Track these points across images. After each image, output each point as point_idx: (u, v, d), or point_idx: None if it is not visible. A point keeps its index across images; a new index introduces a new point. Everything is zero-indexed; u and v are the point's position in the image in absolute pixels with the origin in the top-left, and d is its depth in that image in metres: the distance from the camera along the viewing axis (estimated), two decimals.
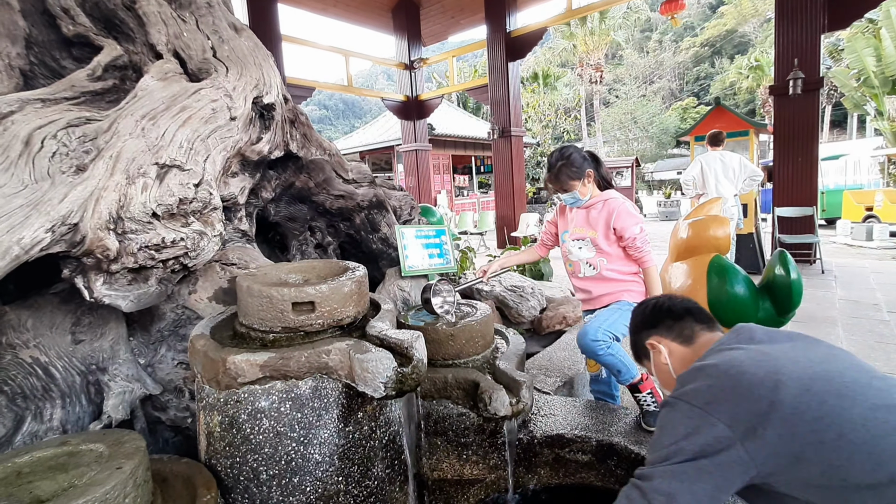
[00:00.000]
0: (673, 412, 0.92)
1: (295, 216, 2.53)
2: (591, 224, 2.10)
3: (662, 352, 1.15)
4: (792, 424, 0.78)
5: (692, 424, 0.86)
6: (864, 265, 6.39)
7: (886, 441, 0.73)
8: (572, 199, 2.11)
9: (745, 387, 0.84)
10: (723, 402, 0.85)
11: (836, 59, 20.29)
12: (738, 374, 0.86)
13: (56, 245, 1.37)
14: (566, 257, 2.22)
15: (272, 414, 1.23)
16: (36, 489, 0.98)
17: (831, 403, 0.77)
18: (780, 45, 5.95)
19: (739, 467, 0.81)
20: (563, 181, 2.07)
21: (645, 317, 1.23)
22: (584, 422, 1.80)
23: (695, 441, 0.84)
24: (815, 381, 0.80)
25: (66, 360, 1.60)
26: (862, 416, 0.75)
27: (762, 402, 0.80)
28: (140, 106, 1.54)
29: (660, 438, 0.93)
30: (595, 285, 2.11)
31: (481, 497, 1.69)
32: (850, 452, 0.74)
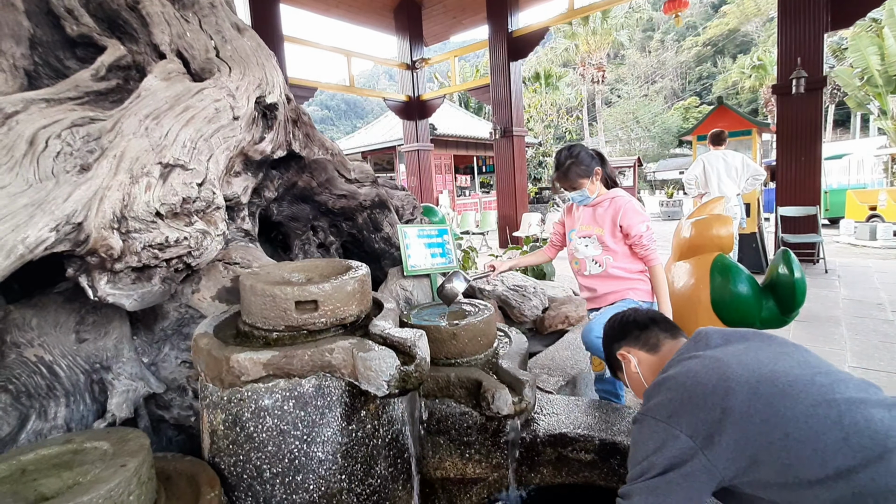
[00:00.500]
0: (642, 428, 0.98)
1: (297, 216, 2.54)
2: (597, 221, 2.11)
3: (632, 361, 1.22)
4: (743, 429, 0.81)
5: (659, 439, 0.91)
6: (867, 264, 6.37)
7: (828, 436, 0.75)
8: (581, 197, 2.13)
9: (700, 396, 0.88)
10: (682, 415, 0.89)
11: (840, 58, 20.21)
12: (693, 385, 0.91)
13: (60, 244, 1.37)
14: (572, 255, 2.23)
15: (275, 412, 1.23)
16: (40, 487, 0.98)
17: (776, 405, 0.80)
18: (782, 43, 5.93)
19: (705, 475, 0.84)
20: (572, 179, 2.09)
21: (614, 331, 1.31)
22: (587, 421, 1.79)
23: (663, 454, 0.89)
24: (762, 384, 0.83)
25: (71, 359, 1.61)
26: (804, 414, 0.78)
27: (715, 411, 0.84)
28: (144, 106, 1.54)
29: (634, 455, 0.98)
30: (601, 283, 2.11)
31: (484, 496, 1.69)
32: (797, 451, 0.76)
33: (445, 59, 9.76)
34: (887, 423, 0.75)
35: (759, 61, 25.54)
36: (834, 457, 0.74)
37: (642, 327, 1.23)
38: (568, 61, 29.41)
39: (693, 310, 2.27)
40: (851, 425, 0.75)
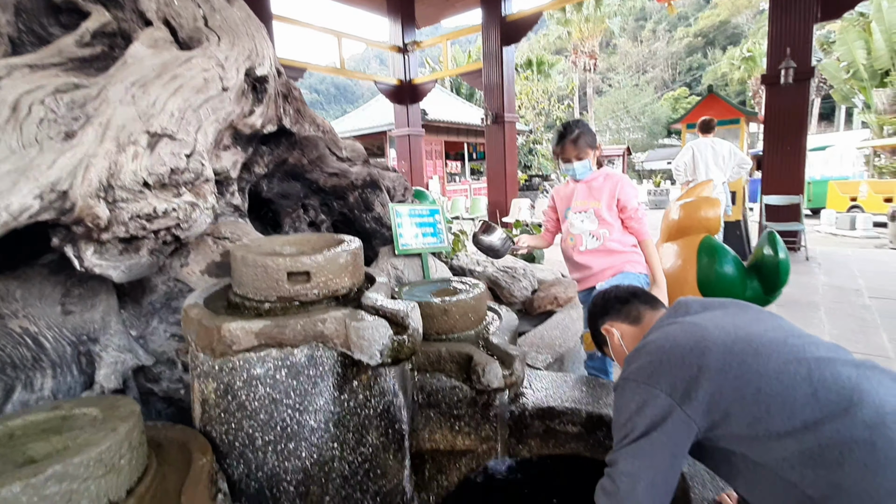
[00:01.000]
0: (623, 392, 1.00)
1: (288, 193, 2.51)
2: (593, 195, 2.13)
3: (615, 334, 1.25)
4: (718, 384, 0.85)
5: (640, 399, 0.94)
6: (847, 253, 6.53)
7: (797, 391, 0.80)
8: (583, 168, 2.13)
9: (678, 356, 0.92)
10: (661, 374, 0.93)
11: (827, 51, 20.42)
12: (672, 347, 0.95)
13: (45, 212, 1.35)
14: (567, 232, 2.23)
15: (268, 381, 1.23)
16: (29, 450, 0.98)
17: (749, 362, 0.85)
18: (773, 33, 5.97)
19: (684, 430, 0.88)
20: (581, 147, 2.10)
21: (597, 308, 1.33)
22: (574, 395, 1.83)
23: (644, 414, 0.92)
24: (737, 344, 0.88)
25: (57, 331, 1.59)
26: (776, 371, 0.82)
27: (692, 368, 0.88)
28: (130, 73, 1.51)
29: (616, 419, 1.00)
30: (598, 258, 2.12)
31: (473, 467, 1.72)
32: (768, 405, 0.81)
33: (438, 42, 9.64)
34: (854, 379, 0.79)
35: (748, 53, 25.70)
36: (802, 410, 0.78)
37: (623, 301, 1.26)
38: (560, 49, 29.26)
39: (680, 289, 2.31)
40: (820, 381, 0.79)
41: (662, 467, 0.90)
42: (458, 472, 1.70)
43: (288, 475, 1.27)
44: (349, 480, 1.34)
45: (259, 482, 1.27)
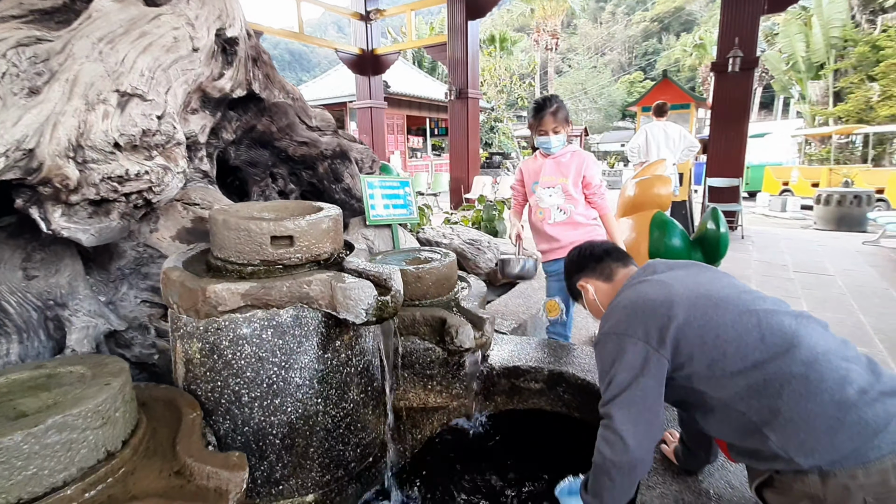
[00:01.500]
0: (605, 345, 1.11)
1: (256, 161, 2.48)
2: (561, 172, 2.22)
3: (590, 290, 1.34)
4: (685, 331, 1.00)
5: (619, 349, 1.06)
6: (776, 232, 7.14)
7: (749, 337, 0.96)
8: (558, 143, 2.19)
9: (651, 308, 1.06)
10: (637, 325, 1.05)
11: (771, 43, 21.55)
12: (644, 302, 1.08)
13: (10, 171, 1.30)
14: (536, 206, 2.31)
15: (254, 340, 1.28)
16: (20, 405, 0.99)
17: (710, 314, 1.01)
18: (724, 23, 6.27)
19: (662, 369, 1.02)
20: (559, 121, 2.15)
21: (573, 263, 1.42)
22: (537, 355, 1.98)
23: (627, 362, 1.04)
24: (699, 299, 1.04)
25: (20, 296, 1.54)
26: (731, 321, 0.99)
27: (663, 318, 1.03)
28: (96, 28, 1.44)
29: (602, 371, 1.11)
30: (565, 231, 2.24)
31: (444, 422, 1.85)
32: (724, 349, 0.97)
33: (401, 12, 9.38)
34: (793, 327, 0.96)
35: (700, 40, 26.67)
36: (752, 352, 0.94)
37: (598, 259, 1.35)
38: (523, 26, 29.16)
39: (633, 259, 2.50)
40: (767, 328, 0.96)
41: (654, 407, 1.02)
42: (431, 427, 1.82)
43: (274, 429, 1.33)
44: (332, 433, 1.42)
45: (245, 436, 1.32)
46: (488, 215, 4.40)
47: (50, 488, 0.88)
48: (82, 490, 0.91)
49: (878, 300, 3.97)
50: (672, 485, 1.24)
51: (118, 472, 0.98)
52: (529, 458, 1.76)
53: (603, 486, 1.06)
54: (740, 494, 1.20)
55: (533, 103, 2.25)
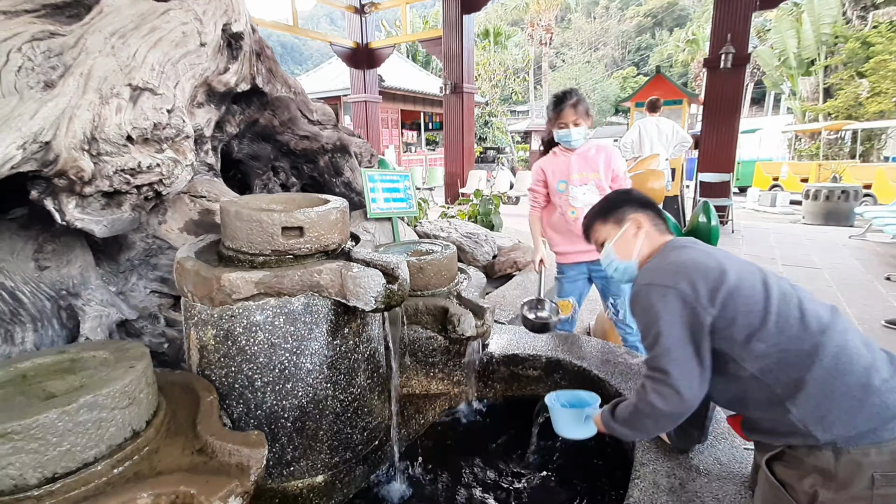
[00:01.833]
0: (649, 298, 1.10)
1: (258, 155, 2.51)
2: (591, 167, 2.17)
3: (642, 228, 1.29)
4: (733, 296, 1.04)
5: (666, 303, 1.06)
6: (766, 227, 7.27)
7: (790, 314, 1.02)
8: (579, 136, 2.14)
9: (702, 269, 1.08)
10: (686, 283, 1.06)
11: (763, 39, 21.72)
12: (694, 262, 1.11)
13: (27, 163, 1.33)
14: (567, 205, 2.20)
15: (266, 327, 1.33)
16: (48, 387, 1.03)
17: (757, 286, 1.06)
18: (717, 19, 6.35)
19: (707, 325, 1.05)
20: (580, 113, 2.11)
21: (634, 198, 1.36)
22: (535, 344, 2.05)
23: (675, 318, 1.05)
24: (747, 272, 1.09)
25: (34, 286, 1.58)
26: (778, 296, 1.04)
27: (715, 280, 1.06)
28: (108, 23, 1.47)
29: (647, 325, 1.11)
30: None
31: (446, 408, 1.91)
32: (767, 320, 1.01)
33: (396, 5, 9.36)
34: (828, 314, 1.02)
35: (692, 36, 26.80)
36: (790, 329, 1.00)
37: (658, 213, 1.33)
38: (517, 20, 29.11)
39: None
40: (805, 310, 1.02)
41: (705, 360, 1.05)
42: (434, 412, 1.89)
43: (285, 412, 1.39)
44: (340, 417, 1.48)
45: (258, 419, 1.38)
46: (484, 209, 4.46)
47: (82, 464, 0.93)
48: (111, 466, 0.96)
49: (864, 292, 4.10)
50: (664, 462, 1.31)
51: (143, 450, 1.03)
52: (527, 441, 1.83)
53: (643, 425, 1.13)
54: (728, 470, 1.27)
55: (552, 97, 2.19)
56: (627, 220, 1.31)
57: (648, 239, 1.28)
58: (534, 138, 15.82)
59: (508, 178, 11.05)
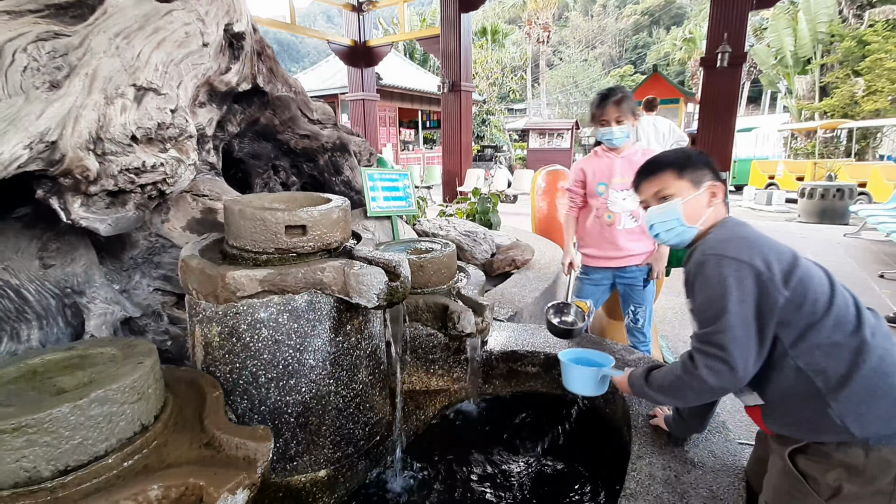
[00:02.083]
0: (720, 269, 1.03)
1: (259, 154, 2.53)
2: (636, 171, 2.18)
3: (717, 199, 1.21)
4: (803, 283, 1.01)
5: (739, 277, 1.01)
6: (762, 225, 7.31)
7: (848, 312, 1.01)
8: (621, 134, 2.08)
9: (776, 249, 1.05)
10: (760, 258, 1.02)
11: (759, 37, 21.80)
12: (768, 241, 1.08)
13: (33, 163, 1.35)
14: (605, 209, 2.15)
15: (271, 324, 1.35)
16: (58, 383, 1.06)
17: (824, 279, 1.05)
18: (713, 18, 6.39)
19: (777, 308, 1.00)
20: (623, 111, 2.05)
21: (713, 165, 1.26)
22: (533, 341, 2.08)
23: (746, 293, 1.00)
24: (810, 262, 1.08)
25: (39, 284, 1.60)
26: (838, 292, 1.04)
27: (789, 264, 1.03)
28: (112, 23, 1.49)
29: (712, 297, 1.04)
30: (634, 240, 2.14)
31: (445, 404, 1.94)
32: (827, 314, 1.01)
33: (394, 3, 9.36)
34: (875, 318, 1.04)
35: (689, 34, 26.87)
36: (846, 326, 1.00)
37: (723, 182, 1.25)
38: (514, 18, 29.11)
39: None
40: (860, 311, 1.02)
41: (766, 341, 1.01)
42: (434, 409, 1.91)
43: (289, 408, 1.41)
44: (343, 412, 1.50)
45: (262, 415, 1.40)
46: (483, 208, 4.49)
47: (93, 457, 0.95)
48: (122, 459, 0.99)
49: (858, 289, 4.13)
50: (660, 455, 1.34)
51: (152, 444, 1.05)
52: (526, 435, 1.86)
53: (682, 395, 1.11)
54: (722, 463, 1.31)
55: (596, 94, 2.14)
56: (705, 185, 1.20)
57: (716, 213, 1.20)
58: (531, 136, 15.84)
59: (506, 176, 11.08)
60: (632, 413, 1.55)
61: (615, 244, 2.19)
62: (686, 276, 1.14)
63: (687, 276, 1.14)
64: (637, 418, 1.53)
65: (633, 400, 1.60)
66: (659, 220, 1.25)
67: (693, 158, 1.25)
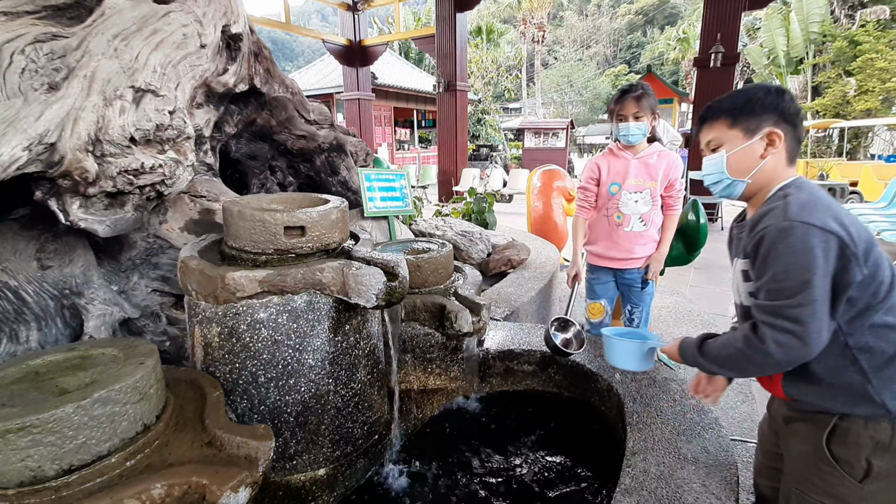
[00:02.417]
0: (807, 238, 0.95)
1: (256, 154, 2.53)
2: (650, 175, 2.09)
3: (776, 148, 1.09)
4: (877, 262, 0.98)
5: (826, 249, 0.94)
6: None
7: None
8: (637, 131, 2.04)
9: (857, 222, 1.00)
10: (845, 230, 0.96)
11: (752, 37, 21.94)
12: (848, 213, 1.01)
13: (32, 164, 1.36)
14: (615, 209, 2.14)
15: (270, 324, 1.36)
16: (61, 383, 1.06)
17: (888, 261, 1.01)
18: (706, 19, 6.44)
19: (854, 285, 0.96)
20: (642, 106, 2.01)
21: (780, 103, 1.09)
22: (530, 340, 2.10)
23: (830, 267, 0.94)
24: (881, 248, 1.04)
25: (37, 285, 1.60)
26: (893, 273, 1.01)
27: (868, 241, 0.98)
28: (110, 25, 1.50)
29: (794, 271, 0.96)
30: (639, 243, 2.15)
31: (443, 403, 1.96)
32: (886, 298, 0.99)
33: (390, 2, 9.36)
34: None
35: (683, 34, 26.99)
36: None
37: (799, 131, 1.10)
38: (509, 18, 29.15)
39: None
40: None
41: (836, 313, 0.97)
42: (432, 407, 1.93)
43: (288, 407, 1.43)
44: (342, 411, 1.52)
45: (262, 415, 1.42)
46: (478, 207, 4.51)
47: (96, 456, 0.96)
48: (124, 458, 1.00)
49: None
50: (654, 451, 1.37)
51: (154, 444, 1.07)
52: (523, 433, 1.88)
53: (741, 368, 1.08)
54: (714, 458, 1.33)
55: (617, 90, 2.11)
56: (760, 133, 1.09)
57: (775, 163, 1.09)
58: (526, 136, 15.88)
59: (502, 175, 11.11)
60: (626, 410, 1.58)
61: (621, 245, 2.18)
62: (757, 240, 1.03)
63: (759, 240, 1.02)
64: (632, 415, 1.56)
65: (627, 397, 1.62)
66: (706, 173, 1.20)
67: (752, 102, 1.11)
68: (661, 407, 1.58)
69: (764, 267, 1.01)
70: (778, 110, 1.09)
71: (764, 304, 1.01)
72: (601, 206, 2.21)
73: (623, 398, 1.62)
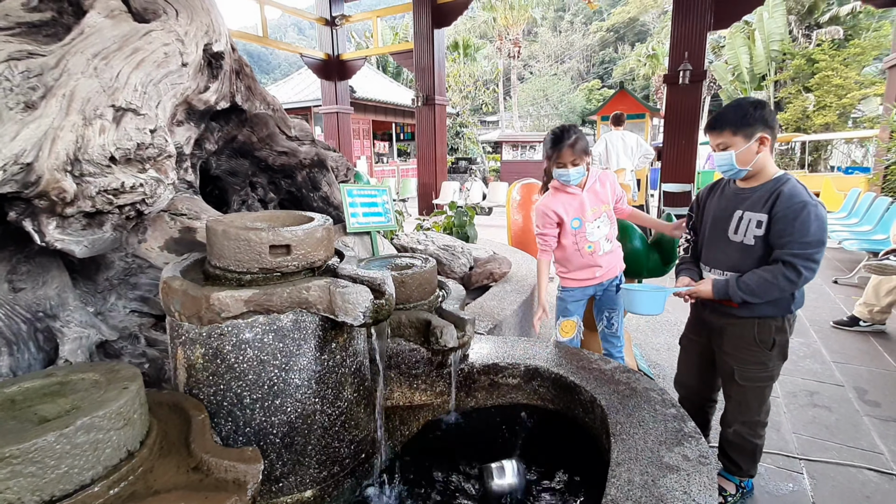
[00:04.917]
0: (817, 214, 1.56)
1: (236, 171, 2.52)
2: (602, 200, 2.26)
3: (766, 146, 1.64)
4: None
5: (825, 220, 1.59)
6: None
7: None
8: (577, 175, 2.15)
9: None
10: None
11: (718, 54, 22.92)
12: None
13: (6, 185, 1.33)
14: (585, 240, 2.24)
15: (256, 344, 1.35)
16: (40, 411, 1.03)
17: None
18: (674, 37, 6.72)
19: None
20: (578, 153, 2.11)
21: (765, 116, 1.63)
22: (513, 353, 2.13)
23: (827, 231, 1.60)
24: None
25: (8, 308, 1.55)
26: None
27: None
28: (90, 44, 1.48)
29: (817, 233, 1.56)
30: (613, 260, 2.35)
31: (429, 418, 1.96)
32: None
33: (368, 18, 9.45)
34: None
35: (652, 51, 28.02)
36: None
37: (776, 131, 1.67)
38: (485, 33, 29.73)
39: None
40: None
41: None
42: (417, 423, 1.93)
43: (274, 428, 1.41)
44: (328, 431, 1.51)
45: (247, 437, 1.40)
46: (459, 221, 4.55)
47: (79, 485, 0.94)
48: (108, 487, 0.97)
49: (814, 295, 4.39)
50: (637, 461, 1.40)
51: (138, 470, 1.04)
52: (509, 446, 1.89)
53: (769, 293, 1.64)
54: (694, 466, 1.38)
55: (550, 134, 2.18)
56: (755, 138, 1.62)
57: (766, 157, 1.65)
58: (504, 149, 16.12)
59: (481, 188, 11.23)
60: (610, 421, 1.61)
61: (598, 267, 2.33)
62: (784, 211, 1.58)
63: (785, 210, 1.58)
64: (615, 426, 1.59)
65: (611, 409, 1.66)
66: (719, 164, 1.73)
67: (747, 116, 1.63)
68: (643, 417, 1.62)
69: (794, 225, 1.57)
70: (763, 120, 1.63)
71: (799, 252, 1.56)
72: (569, 243, 2.28)
73: (606, 409, 1.66)
